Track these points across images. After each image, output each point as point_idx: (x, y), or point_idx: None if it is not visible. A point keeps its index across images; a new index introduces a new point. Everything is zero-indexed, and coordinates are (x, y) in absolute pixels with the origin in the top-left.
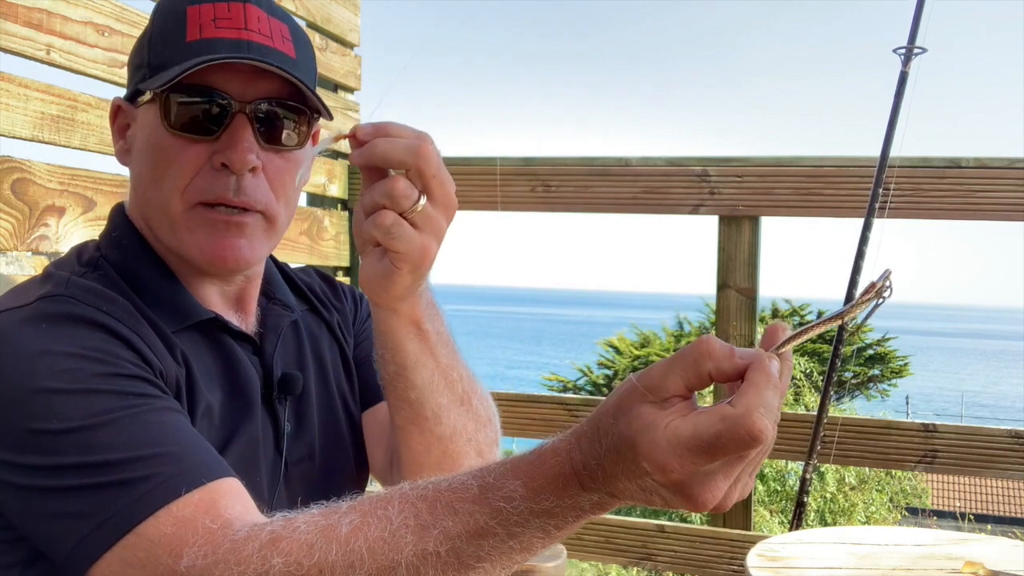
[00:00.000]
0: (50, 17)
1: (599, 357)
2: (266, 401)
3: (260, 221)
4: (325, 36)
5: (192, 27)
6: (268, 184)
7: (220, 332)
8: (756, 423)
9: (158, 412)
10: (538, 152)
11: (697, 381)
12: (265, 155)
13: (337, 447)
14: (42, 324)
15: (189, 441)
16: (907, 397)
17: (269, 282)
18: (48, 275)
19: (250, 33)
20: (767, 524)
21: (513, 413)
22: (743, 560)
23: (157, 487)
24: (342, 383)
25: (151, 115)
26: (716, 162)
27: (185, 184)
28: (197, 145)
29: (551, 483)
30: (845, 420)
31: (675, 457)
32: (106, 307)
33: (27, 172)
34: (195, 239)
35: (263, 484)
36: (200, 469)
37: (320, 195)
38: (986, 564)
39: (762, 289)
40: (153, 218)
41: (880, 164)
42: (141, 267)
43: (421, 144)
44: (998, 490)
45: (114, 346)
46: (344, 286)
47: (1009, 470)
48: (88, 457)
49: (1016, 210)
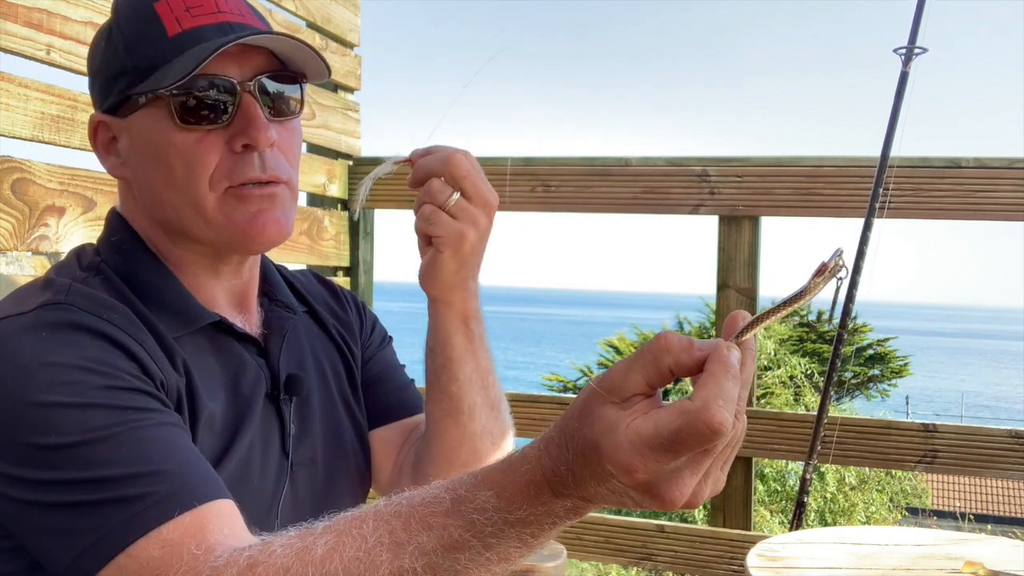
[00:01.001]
0: (50, 17)
1: (599, 357)
2: (272, 402)
3: (286, 191)
4: (325, 36)
5: (168, 22)
6: (284, 155)
7: (224, 335)
8: (715, 416)
9: (156, 427)
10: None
11: (658, 377)
12: (276, 128)
13: (338, 451)
14: (42, 332)
15: (186, 458)
16: (907, 397)
17: (269, 282)
18: (49, 281)
19: (225, 15)
20: (767, 524)
21: (513, 413)
22: (743, 560)
23: (151, 507)
24: (344, 388)
25: (151, 118)
26: (716, 162)
27: (210, 174)
28: (211, 134)
29: (523, 492)
30: (845, 420)
31: (638, 457)
32: (107, 315)
33: (27, 172)
34: (233, 222)
35: (269, 486)
36: (194, 489)
37: (320, 195)
38: (986, 564)
39: (762, 289)
40: (175, 219)
41: (880, 164)
42: (143, 271)
43: (451, 153)
44: (998, 490)
45: (115, 357)
46: (346, 293)
47: (1009, 470)
48: (85, 473)
49: (1016, 210)
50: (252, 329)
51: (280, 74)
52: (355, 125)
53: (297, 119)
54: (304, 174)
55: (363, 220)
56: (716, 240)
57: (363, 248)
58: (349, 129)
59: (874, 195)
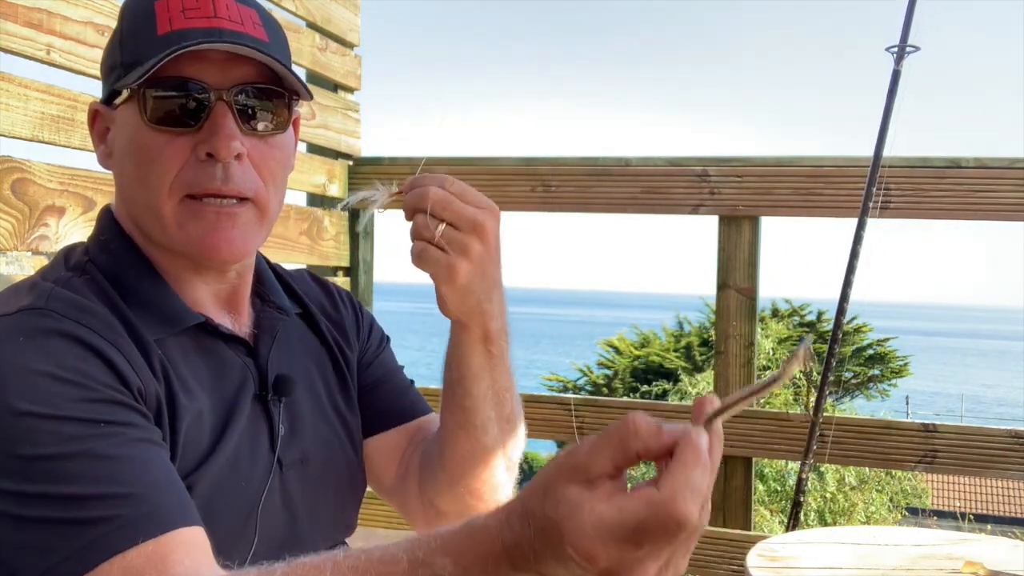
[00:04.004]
0: (50, 17)
1: (599, 357)
2: (260, 403)
3: (251, 210)
4: (325, 36)
5: (162, 20)
6: (255, 171)
7: (210, 336)
8: (681, 508)
9: (131, 445)
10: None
11: (624, 461)
12: (249, 141)
13: (329, 452)
14: (19, 338)
15: (156, 481)
16: (907, 397)
17: (262, 282)
18: (33, 284)
19: (220, 20)
20: (767, 524)
21: None
22: (743, 560)
23: (116, 530)
24: (333, 391)
25: (129, 114)
26: (716, 162)
27: (171, 179)
28: (180, 138)
29: (480, 561)
30: (845, 420)
31: (600, 544)
32: (86, 320)
33: (27, 172)
34: (187, 233)
35: (256, 487)
36: (161, 515)
37: (320, 195)
38: (986, 564)
39: (762, 289)
40: (141, 217)
41: (873, 163)
42: (129, 271)
43: (426, 189)
44: (998, 490)
45: (92, 366)
46: (342, 293)
47: (1009, 470)
48: (54, 487)
49: (1016, 210)
50: (241, 330)
51: (267, 88)
52: (355, 125)
53: (283, 136)
54: (304, 174)
55: (362, 220)
56: (716, 240)
57: (363, 248)
58: (349, 129)
59: (867, 194)
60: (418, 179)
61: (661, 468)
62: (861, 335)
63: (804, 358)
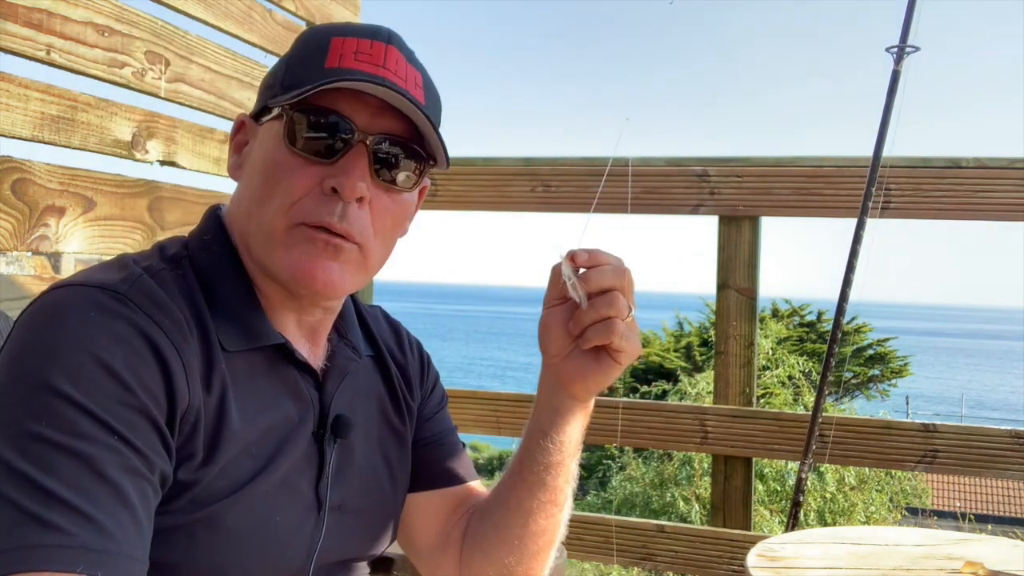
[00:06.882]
0: (50, 17)
1: None
2: (315, 440)
3: (356, 253)
4: None
5: (333, 55)
6: (371, 219)
7: (284, 360)
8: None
9: (129, 473)
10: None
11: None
12: (375, 190)
13: (367, 502)
14: (91, 313)
15: (128, 522)
16: (907, 397)
17: (343, 317)
18: (124, 265)
19: (387, 72)
20: (767, 524)
21: (514, 413)
22: (743, 560)
23: (63, 548)
24: (388, 439)
25: (273, 132)
26: (716, 162)
27: (292, 202)
28: (313, 167)
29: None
30: (845, 420)
31: None
32: (159, 318)
33: (27, 172)
34: (290, 256)
35: (292, 521)
36: (112, 559)
37: None
38: (986, 564)
39: (762, 289)
40: (252, 234)
41: (873, 163)
42: (224, 277)
43: (625, 270)
44: (998, 490)
45: (147, 367)
46: (412, 339)
47: (1009, 470)
48: (38, 475)
49: (1016, 210)
50: (316, 362)
51: (408, 145)
52: None
53: (407, 195)
54: None
55: None
56: (716, 240)
57: None
58: None
59: (867, 194)
60: (599, 252)
61: None
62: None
63: None
